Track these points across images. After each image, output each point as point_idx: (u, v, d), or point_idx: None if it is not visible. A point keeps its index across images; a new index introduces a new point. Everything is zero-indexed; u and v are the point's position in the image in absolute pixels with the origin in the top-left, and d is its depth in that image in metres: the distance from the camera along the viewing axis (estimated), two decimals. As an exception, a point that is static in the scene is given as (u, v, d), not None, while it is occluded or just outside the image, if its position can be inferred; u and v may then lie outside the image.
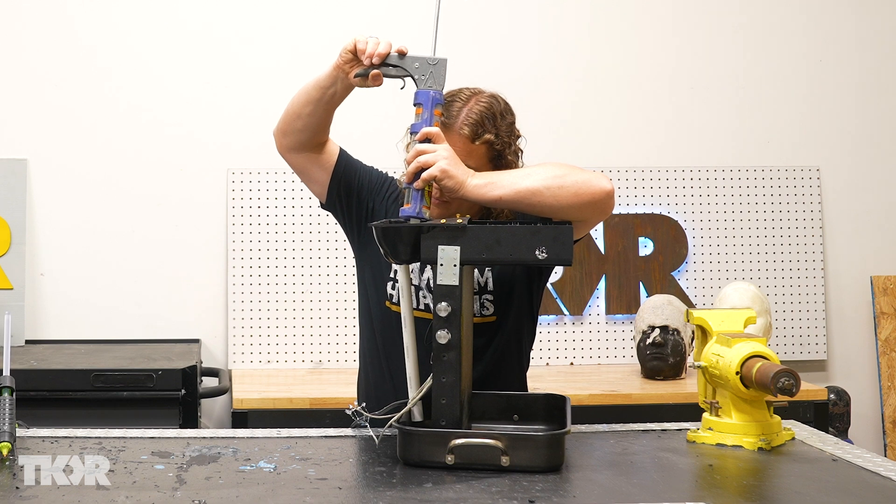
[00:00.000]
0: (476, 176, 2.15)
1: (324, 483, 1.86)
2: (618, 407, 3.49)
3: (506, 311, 2.35)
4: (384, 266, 2.38)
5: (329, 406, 3.35)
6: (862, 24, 4.32)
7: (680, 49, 4.25)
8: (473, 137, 2.26)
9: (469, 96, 2.30)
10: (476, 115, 2.27)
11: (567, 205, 2.13)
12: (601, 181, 2.16)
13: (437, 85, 2.14)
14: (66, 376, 3.32)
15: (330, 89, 2.24)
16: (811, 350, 4.22)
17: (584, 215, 2.18)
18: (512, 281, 2.36)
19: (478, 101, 2.29)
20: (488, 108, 2.29)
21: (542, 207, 2.14)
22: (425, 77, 2.14)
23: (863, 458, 2.05)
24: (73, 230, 3.97)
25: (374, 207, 2.41)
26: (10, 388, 2.05)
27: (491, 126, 2.27)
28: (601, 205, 2.17)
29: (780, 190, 4.24)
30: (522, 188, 2.13)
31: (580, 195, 2.14)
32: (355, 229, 2.43)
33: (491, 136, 2.27)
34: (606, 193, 2.16)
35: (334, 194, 2.41)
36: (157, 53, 4.02)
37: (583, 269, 4.13)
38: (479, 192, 2.13)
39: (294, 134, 2.33)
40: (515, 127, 2.34)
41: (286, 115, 2.33)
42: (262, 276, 3.99)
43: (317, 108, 2.28)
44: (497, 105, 2.31)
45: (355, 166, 2.42)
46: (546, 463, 1.93)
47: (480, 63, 4.07)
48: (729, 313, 2.27)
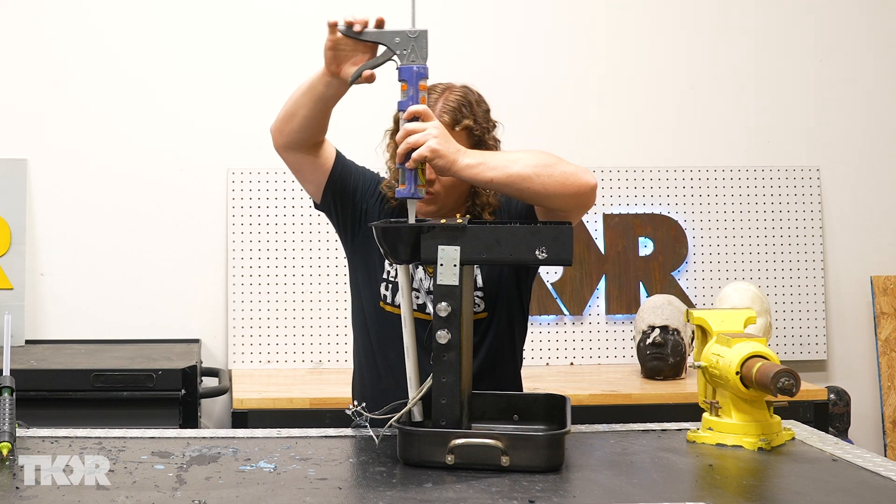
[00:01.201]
0: (467, 154, 2.16)
1: (324, 483, 1.86)
2: (618, 407, 3.49)
3: (496, 307, 2.38)
4: (377, 267, 2.40)
5: (329, 406, 3.35)
6: (862, 24, 4.32)
7: (680, 49, 4.25)
8: (454, 123, 2.30)
9: (444, 88, 2.36)
10: (453, 103, 2.32)
11: (553, 193, 2.18)
12: (587, 175, 2.21)
13: (420, 59, 2.11)
14: (66, 376, 3.32)
15: (322, 90, 2.25)
16: (811, 350, 4.22)
17: (566, 206, 2.22)
18: (500, 277, 2.38)
19: (453, 91, 2.35)
20: (464, 97, 2.35)
21: (529, 193, 2.18)
22: (407, 52, 2.12)
23: (863, 458, 2.05)
24: (73, 230, 3.97)
25: (366, 209, 2.42)
26: (10, 388, 2.05)
27: (469, 112, 2.33)
28: (584, 198, 2.22)
29: (780, 190, 4.23)
30: (514, 172, 2.16)
31: (567, 185, 2.18)
32: (348, 231, 2.45)
33: (470, 122, 2.32)
34: (590, 187, 2.21)
35: (329, 196, 2.42)
36: (157, 53, 4.02)
37: (583, 269, 4.13)
38: (471, 171, 2.15)
39: (290, 133, 2.33)
40: (491, 115, 2.39)
41: (282, 114, 2.34)
42: (262, 276, 3.99)
43: (310, 108, 2.28)
44: (472, 94, 2.37)
45: (351, 169, 2.44)
46: (546, 463, 1.93)
47: (480, 63, 4.08)
48: (729, 313, 2.27)
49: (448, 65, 4.10)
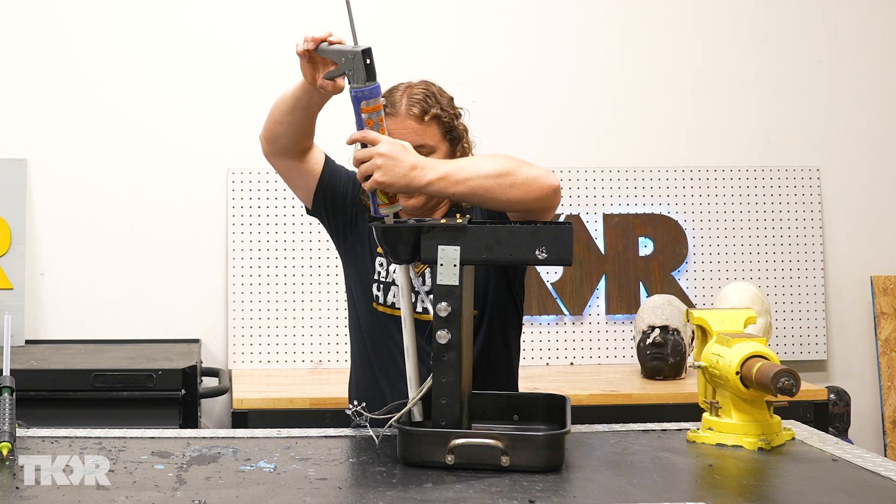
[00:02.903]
0: (425, 170, 2.10)
1: (324, 483, 1.86)
2: (618, 407, 3.49)
3: (485, 303, 2.39)
4: (369, 268, 2.41)
5: (329, 406, 3.35)
6: (862, 23, 4.32)
7: (680, 49, 4.24)
8: (422, 114, 2.33)
9: (406, 86, 2.39)
10: (419, 95, 2.36)
11: (516, 200, 2.18)
12: (549, 177, 2.21)
13: (357, 81, 2.02)
14: (66, 376, 3.32)
15: (304, 98, 2.26)
16: (811, 350, 4.22)
17: (530, 209, 2.23)
18: (487, 273, 2.39)
19: (414, 87, 2.39)
20: (427, 89, 2.38)
21: (493, 203, 2.19)
22: (351, 72, 2.03)
23: (863, 458, 2.05)
24: (73, 230, 3.97)
25: (356, 213, 2.44)
26: (10, 388, 2.05)
27: (434, 102, 2.36)
28: (547, 200, 2.22)
29: (780, 190, 4.23)
30: (476, 185, 2.16)
31: (529, 191, 2.18)
32: (340, 235, 2.46)
33: (437, 111, 2.35)
34: (553, 190, 2.21)
35: (320, 201, 2.44)
36: (156, 54, 4.02)
37: (583, 269, 4.13)
38: (433, 188, 2.14)
39: (277, 140, 2.36)
40: (455, 102, 2.42)
41: (268, 122, 2.36)
42: (262, 276, 3.99)
43: (294, 116, 2.30)
44: (433, 86, 2.41)
45: (339, 174, 2.45)
46: (546, 463, 1.93)
47: (478, 64, 4.08)
48: (729, 313, 2.27)
49: (448, 65, 4.14)
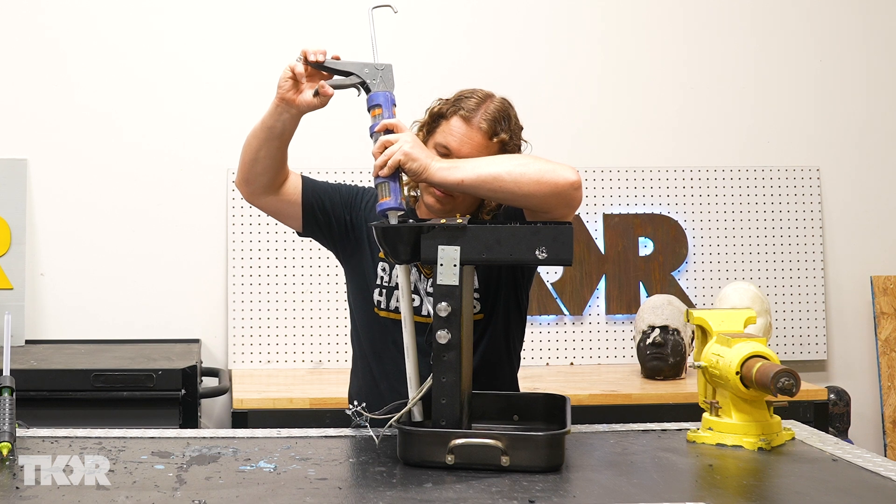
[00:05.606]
0: (440, 160, 2.18)
1: (324, 483, 1.86)
2: (618, 407, 3.49)
3: (493, 308, 2.37)
4: (369, 274, 2.41)
5: (329, 406, 3.35)
6: (862, 23, 4.32)
7: (680, 49, 4.25)
8: (491, 134, 2.29)
9: (485, 96, 2.33)
10: (494, 113, 2.30)
11: (528, 192, 2.15)
12: (566, 171, 2.16)
13: (389, 87, 2.20)
14: (66, 376, 3.32)
15: (277, 126, 2.26)
16: (811, 350, 4.22)
17: (546, 205, 2.18)
18: (498, 279, 2.37)
19: (493, 101, 2.33)
20: (504, 110, 2.32)
21: (503, 193, 2.16)
22: (376, 81, 2.19)
23: (863, 458, 2.05)
24: (73, 230, 3.97)
25: (351, 220, 2.43)
26: (10, 388, 2.05)
27: (506, 126, 2.31)
28: (565, 195, 2.17)
29: (780, 190, 4.23)
30: (484, 172, 2.15)
31: (542, 183, 2.14)
32: (338, 245, 2.46)
33: (506, 137, 2.31)
34: (570, 184, 2.16)
35: (311, 220, 2.43)
36: (157, 53, 4.02)
37: (583, 269, 4.13)
38: (442, 174, 2.15)
39: (256, 178, 2.35)
40: (522, 133, 2.38)
41: (243, 164, 2.35)
42: (262, 276, 3.99)
43: (269, 147, 2.29)
44: (511, 109, 2.35)
45: (320, 189, 2.44)
46: (546, 463, 1.93)
47: (479, 63, 4.08)
48: (729, 313, 2.27)
49: (448, 65, 4.14)
